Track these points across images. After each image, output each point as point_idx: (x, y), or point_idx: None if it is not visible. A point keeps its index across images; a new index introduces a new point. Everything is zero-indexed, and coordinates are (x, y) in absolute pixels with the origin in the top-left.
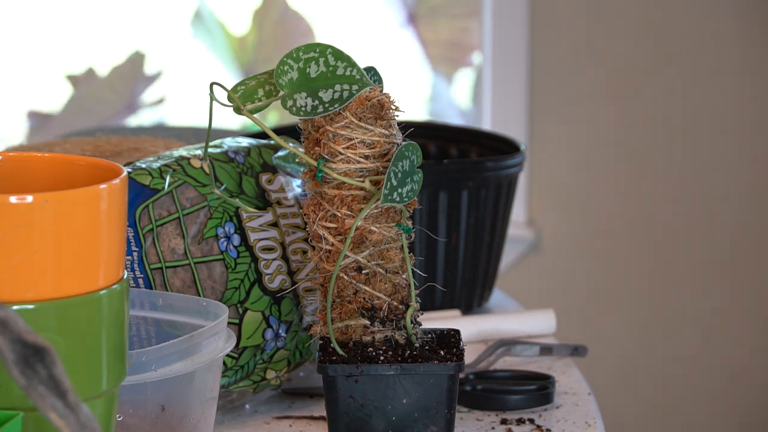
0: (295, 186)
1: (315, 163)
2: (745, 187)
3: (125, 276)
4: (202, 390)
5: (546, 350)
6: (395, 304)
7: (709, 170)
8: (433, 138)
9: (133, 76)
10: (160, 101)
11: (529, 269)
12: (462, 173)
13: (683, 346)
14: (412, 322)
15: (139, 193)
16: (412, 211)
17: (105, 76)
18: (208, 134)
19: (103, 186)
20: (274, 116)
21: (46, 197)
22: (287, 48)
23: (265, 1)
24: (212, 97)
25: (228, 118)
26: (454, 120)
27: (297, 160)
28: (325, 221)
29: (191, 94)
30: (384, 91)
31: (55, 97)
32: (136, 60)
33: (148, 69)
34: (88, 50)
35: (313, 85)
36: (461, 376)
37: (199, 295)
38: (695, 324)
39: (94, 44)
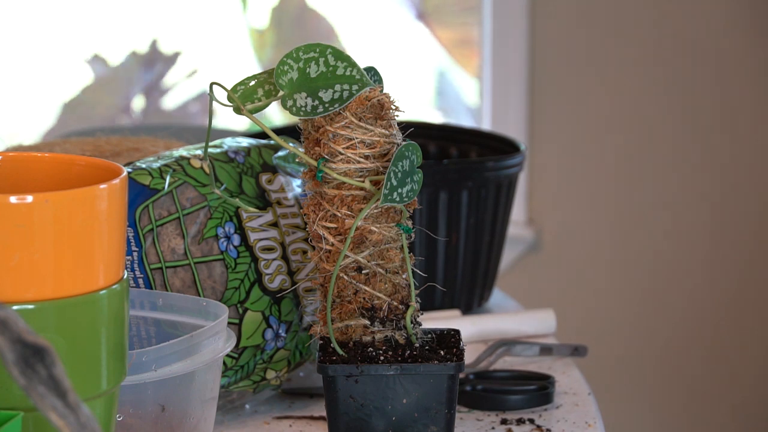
0: (295, 186)
1: (315, 163)
2: (746, 187)
3: (125, 276)
4: (202, 390)
5: (546, 350)
6: (395, 304)
7: (710, 170)
8: (433, 138)
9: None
10: (193, 73)
11: (529, 269)
12: (462, 173)
13: (683, 346)
14: (412, 322)
15: (139, 193)
16: (412, 211)
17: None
18: (208, 134)
19: (103, 186)
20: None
21: (46, 197)
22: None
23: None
24: (212, 97)
25: (228, 118)
26: (464, 117)
27: (297, 160)
28: (325, 221)
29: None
30: (384, 91)
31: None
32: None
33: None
34: (103, 40)
35: (313, 85)
36: (461, 376)
37: (199, 295)
38: (695, 324)
39: (109, 34)
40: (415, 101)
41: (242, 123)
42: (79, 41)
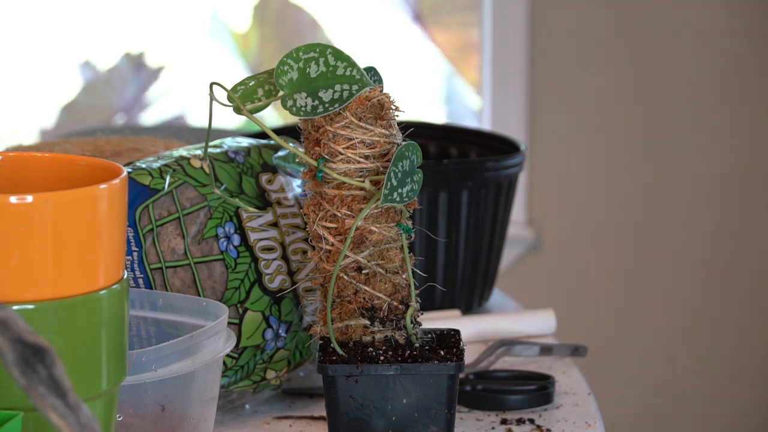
0: (295, 186)
1: (315, 163)
2: (747, 188)
3: (125, 276)
4: (202, 390)
5: (546, 350)
6: (395, 304)
7: (710, 170)
8: (433, 138)
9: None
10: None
11: (529, 269)
12: (462, 173)
13: (683, 346)
14: (412, 322)
15: (139, 193)
16: (412, 211)
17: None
18: (208, 134)
19: (103, 186)
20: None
21: (46, 197)
22: (291, 44)
23: None
24: (212, 97)
25: (229, 118)
26: (466, 118)
27: (297, 160)
28: (325, 221)
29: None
30: (384, 91)
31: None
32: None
33: (152, 65)
34: (87, 49)
35: (313, 85)
36: (461, 376)
37: (199, 295)
38: (695, 324)
39: (94, 42)
40: (417, 103)
41: (238, 122)
42: (77, 42)
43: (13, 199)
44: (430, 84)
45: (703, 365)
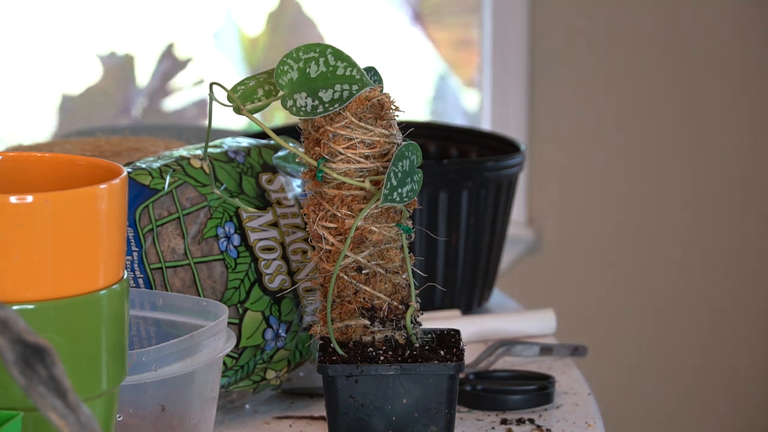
0: (295, 186)
1: (315, 163)
2: (746, 187)
3: (125, 276)
4: (202, 390)
5: (546, 350)
6: (395, 304)
7: (710, 170)
8: (433, 138)
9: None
10: (200, 82)
11: (529, 269)
12: (462, 173)
13: (683, 346)
14: (412, 322)
15: (139, 193)
16: (412, 211)
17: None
18: (207, 134)
19: (103, 186)
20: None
21: (46, 197)
22: None
23: (281, 3)
24: (212, 97)
25: (229, 118)
26: (459, 120)
27: (297, 160)
28: (325, 221)
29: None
30: (384, 91)
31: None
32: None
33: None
34: (115, 37)
35: (313, 85)
36: (461, 376)
37: (199, 295)
38: (695, 324)
39: (122, 31)
40: (411, 104)
41: (242, 123)
42: (77, 42)
43: (13, 199)
44: (429, 84)
45: (703, 365)
